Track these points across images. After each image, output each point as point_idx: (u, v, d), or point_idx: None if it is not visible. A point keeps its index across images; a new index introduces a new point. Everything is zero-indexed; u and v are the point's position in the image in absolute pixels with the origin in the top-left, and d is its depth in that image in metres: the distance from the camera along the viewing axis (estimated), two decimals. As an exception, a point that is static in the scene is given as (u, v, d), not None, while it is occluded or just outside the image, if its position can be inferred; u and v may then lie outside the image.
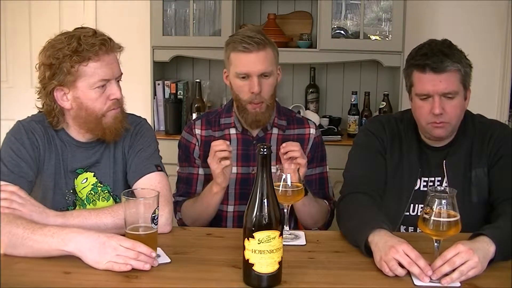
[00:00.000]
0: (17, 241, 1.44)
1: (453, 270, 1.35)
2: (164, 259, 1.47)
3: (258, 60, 1.90)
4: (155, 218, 1.46)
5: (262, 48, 1.90)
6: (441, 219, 1.38)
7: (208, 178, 1.97)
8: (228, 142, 1.80)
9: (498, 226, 1.53)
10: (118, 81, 1.72)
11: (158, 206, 1.47)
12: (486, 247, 1.42)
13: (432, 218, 1.38)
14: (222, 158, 1.77)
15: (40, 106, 1.74)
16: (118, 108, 1.72)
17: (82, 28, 1.70)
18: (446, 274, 1.35)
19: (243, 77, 1.92)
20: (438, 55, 1.70)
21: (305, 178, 2.02)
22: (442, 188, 1.45)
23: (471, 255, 1.36)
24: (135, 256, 1.39)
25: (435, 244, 1.40)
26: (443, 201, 1.38)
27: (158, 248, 1.50)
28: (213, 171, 1.80)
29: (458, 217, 1.39)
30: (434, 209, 1.38)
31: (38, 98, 1.73)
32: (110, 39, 1.68)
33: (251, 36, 1.90)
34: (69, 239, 1.42)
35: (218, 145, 1.78)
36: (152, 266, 1.41)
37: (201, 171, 2.03)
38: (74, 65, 1.62)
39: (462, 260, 1.36)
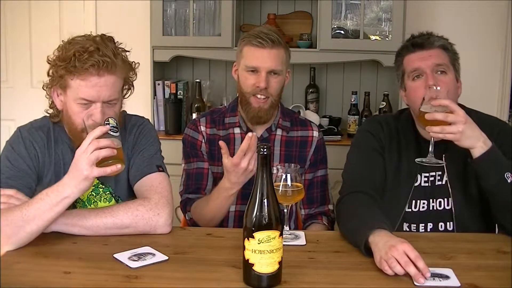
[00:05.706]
0: (19, 223, 1.47)
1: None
2: (161, 257, 1.47)
3: (269, 57, 1.93)
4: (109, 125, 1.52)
5: (275, 46, 1.93)
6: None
7: (215, 176, 1.98)
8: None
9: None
10: (111, 103, 1.65)
11: (110, 117, 1.55)
12: (483, 135, 1.56)
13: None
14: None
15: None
16: None
17: (101, 36, 1.66)
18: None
19: (252, 71, 1.95)
20: (423, 35, 1.83)
21: (306, 183, 2.03)
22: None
23: (462, 122, 1.52)
24: (98, 144, 1.46)
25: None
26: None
27: (153, 249, 1.51)
28: (250, 170, 1.74)
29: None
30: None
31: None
32: (109, 62, 1.59)
33: (267, 33, 1.94)
34: (61, 186, 1.50)
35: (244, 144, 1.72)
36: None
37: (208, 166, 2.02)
38: (64, 75, 1.63)
39: (453, 119, 1.52)
